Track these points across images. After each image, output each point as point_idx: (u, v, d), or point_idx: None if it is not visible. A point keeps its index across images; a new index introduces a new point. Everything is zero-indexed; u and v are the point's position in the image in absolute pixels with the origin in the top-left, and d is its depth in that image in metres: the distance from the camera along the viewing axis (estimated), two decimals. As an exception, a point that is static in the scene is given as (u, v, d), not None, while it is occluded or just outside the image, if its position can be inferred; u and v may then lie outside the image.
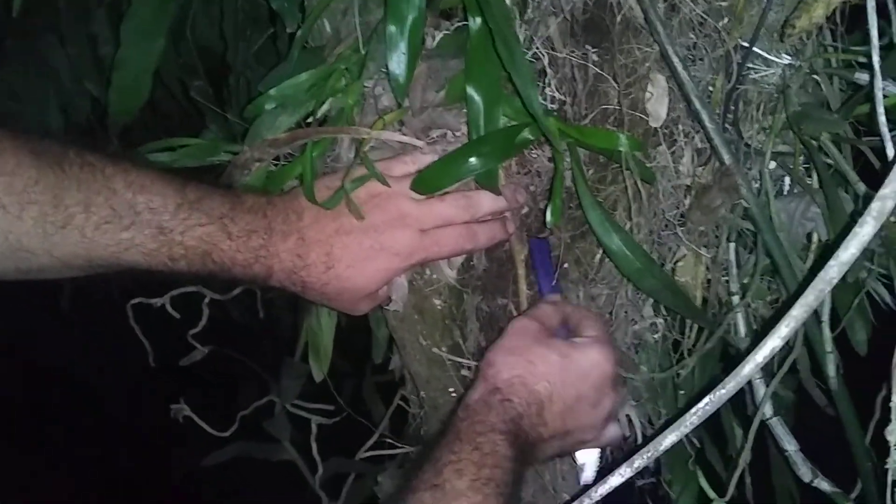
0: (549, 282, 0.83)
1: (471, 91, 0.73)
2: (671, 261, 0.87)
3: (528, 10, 0.83)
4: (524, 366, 0.72)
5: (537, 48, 0.81)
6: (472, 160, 0.73)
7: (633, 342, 0.90)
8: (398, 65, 0.75)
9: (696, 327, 0.90)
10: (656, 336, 0.90)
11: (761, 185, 0.80)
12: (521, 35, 0.79)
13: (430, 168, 0.75)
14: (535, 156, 0.84)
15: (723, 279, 0.87)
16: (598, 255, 0.86)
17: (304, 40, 0.83)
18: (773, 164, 0.84)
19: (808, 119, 0.73)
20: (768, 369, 0.84)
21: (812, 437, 0.87)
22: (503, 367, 0.72)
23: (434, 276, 0.88)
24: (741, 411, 0.99)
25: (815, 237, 0.83)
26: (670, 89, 0.81)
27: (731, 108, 0.81)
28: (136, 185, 0.66)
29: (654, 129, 0.82)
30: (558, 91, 0.82)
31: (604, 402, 0.75)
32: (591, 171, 0.83)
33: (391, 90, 0.78)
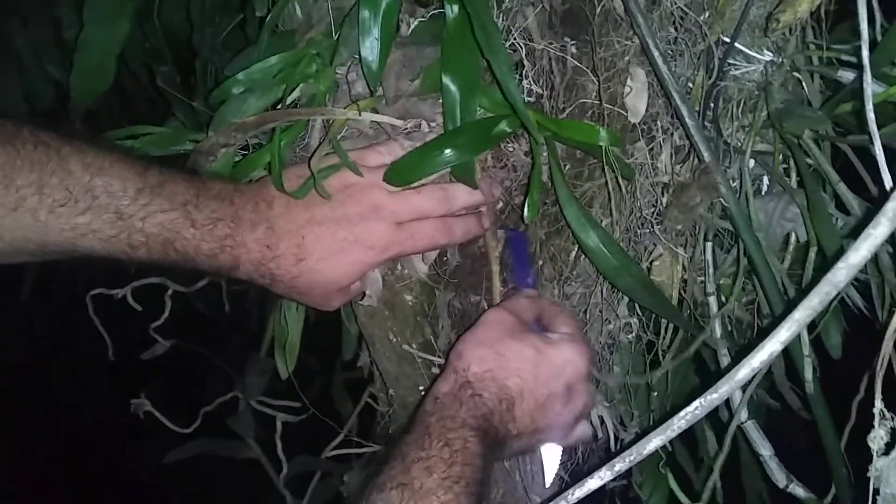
0: (525, 275, 0.80)
1: (447, 80, 0.71)
2: (647, 260, 0.86)
3: (506, 0, 0.81)
4: (496, 360, 0.70)
5: (514, 39, 0.79)
6: (448, 152, 0.71)
7: (607, 342, 0.89)
8: (371, 51, 0.72)
9: (671, 328, 0.89)
10: (630, 336, 0.89)
11: (740, 184, 0.79)
12: (498, 25, 0.77)
13: (404, 159, 0.73)
14: (511, 149, 0.82)
15: (699, 279, 0.86)
16: (574, 252, 0.84)
17: (275, 24, 0.80)
18: (752, 162, 0.82)
19: (791, 116, 0.71)
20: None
21: (783, 439, 0.87)
22: (473, 360, 0.70)
23: (405, 271, 0.86)
24: (712, 412, 0.98)
25: (794, 237, 0.82)
26: (650, 84, 0.79)
27: (711, 104, 0.79)
28: (94, 167, 0.63)
29: (633, 124, 0.80)
30: (535, 84, 0.80)
31: (575, 400, 0.73)
32: (567, 167, 0.81)
33: (363, 77, 0.75)
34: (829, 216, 0.72)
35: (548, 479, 0.80)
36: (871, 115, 0.53)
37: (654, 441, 0.45)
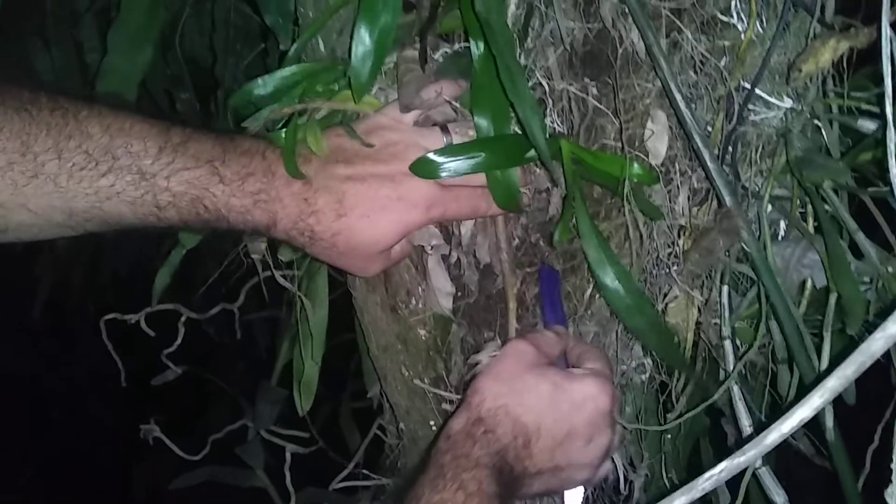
0: (554, 312, 0.79)
1: (478, 117, 0.71)
2: (662, 301, 0.86)
3: (528, 39, 0.82)
4: (511, 395, 0.67)
5: (536, 78, 0.80)
6: (484, 155, 0.70)
7: (620, 382, 0.88)
8: (362, 62, 0.71)
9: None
10: (643, 377, 0.88)
11: (758, 229, 0.79)
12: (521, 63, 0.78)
13: (438, 153, 0.71)
14: (538, 172, 0.82)
15: (714, 322, 0.86)
16: (589, 290, 0.84)
17: (298, 57, 0.81)
18: (769, 207, 0.82)
19: (811, 165, 0.72)
20: (758, 418, 0.82)
21: (794, 486, 0.86)
22: (488, 395, 0.67)
23: (420, 305, 0.86)
24: (723, 455, 0.97)
25: (809, 283, 0.82)
26: (669, 126, 0.80)
27: (730, 148, 0.79)
28: (114, 129, 0.61)
29: (651, 166, 0.80)
30: (556, 123, 0.81)
31: (598, 439, 0.70)
32: (585, 206, 0.81)
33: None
34: (848, 265, 0.72)
35: None
36: (894, 171, 0.53)
37: (679, 500, 0.44)
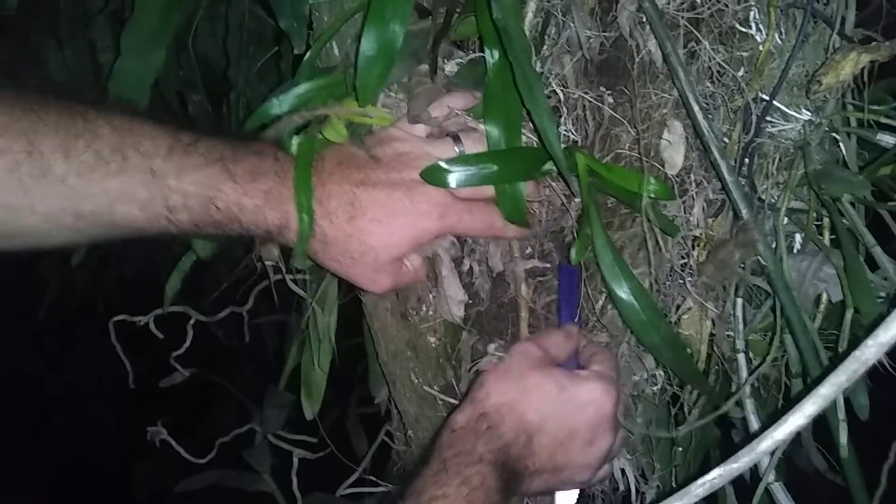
0: (570, 311, 0.78)
1: (490, 126, 0.71)
2: (675, 313, 0.85)
3: (545, 47, 0.81)
4: (516, 393, 0.68)
5: (552, 86, 0.79)
6: (495, 168, 0.70)
7: (632, 393, 0.88)
8: (369, 68, 0.70)
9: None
10: (655, 388, 0.88)
11: (776, 242, 0.78)
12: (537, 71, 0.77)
13: (449, 162, 0.70)
14: (551, 187, 0.81)
15: (727, 334, 0.85)
16: (601, 301, 0.83)
17: (313, 62, 0.81)
18: (786, 220, 0.81)
19: (830, 179, 0.71)
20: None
21: (807, 501, 0.85)
22: (494, 391, 0.68)
23: (430, 312, 0.85)
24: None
25: (825, 297, 0.81)
26: (685, 137, 0.79)
27: (746, 160, 0.79)
28: (123, 129, 0.60)
29: (667, 176, 0.79)
30: (572, 132, 0.80)
31: (599, 441, 0.70)
32: (599, 216, 0.81)
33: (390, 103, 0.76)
34: (867, 280, 0.71)
35: None
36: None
37: (673, 506, 0.43)
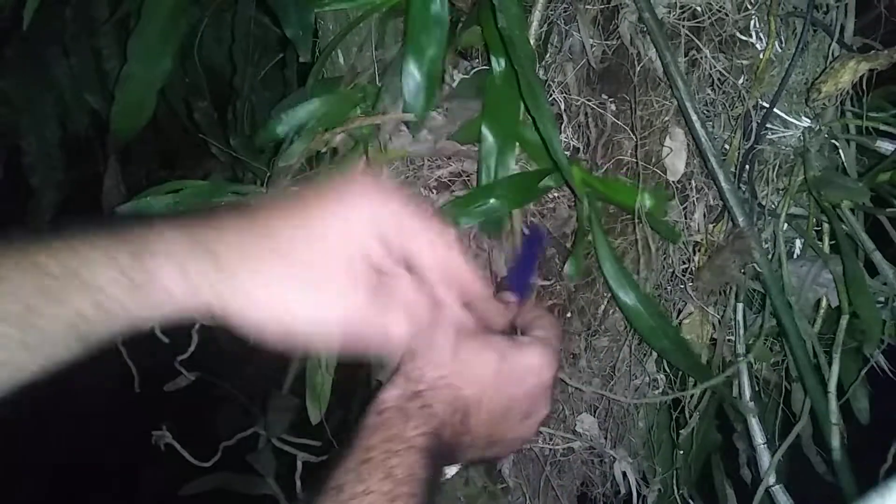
0: (521, 279, 0.71)
1: (485, 130, 0.72)
2: (676, 317, 0.86)
3: (547, 55, 0.82)
4: (453, 364, 0.60)
5: (555, 94, 0.80)
6: (493, 201, 0.71)
7: (633, 398, 0.88)
8: (416, 98, 0.72)
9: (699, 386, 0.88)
10: (657, 392, 0.88)
11: (774, 248, 0.79)
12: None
13: (448, 204, 0.72)
14: (552, 197, 0.82)
15: (727, 338, 0.86)
16: (603, 306, 0.84)
17: (320, 72, 0.82)
18: (785, 225, 0.82)
19: (830, 185, 0.72)
20: (771, 435, 0.82)
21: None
22: (427, 365, 0.59)
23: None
24: (735, 473, 0.97)
25: (824, 302, 0.82)
26: (687, 144, 0.80)
27: (747, 167, 0.80)
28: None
29: (668, 182, 0.80)
30: (573, 138, 0.81)
31: (535, 414, 0.64)
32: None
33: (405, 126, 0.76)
34: (867, 285, 0.72)
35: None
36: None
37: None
